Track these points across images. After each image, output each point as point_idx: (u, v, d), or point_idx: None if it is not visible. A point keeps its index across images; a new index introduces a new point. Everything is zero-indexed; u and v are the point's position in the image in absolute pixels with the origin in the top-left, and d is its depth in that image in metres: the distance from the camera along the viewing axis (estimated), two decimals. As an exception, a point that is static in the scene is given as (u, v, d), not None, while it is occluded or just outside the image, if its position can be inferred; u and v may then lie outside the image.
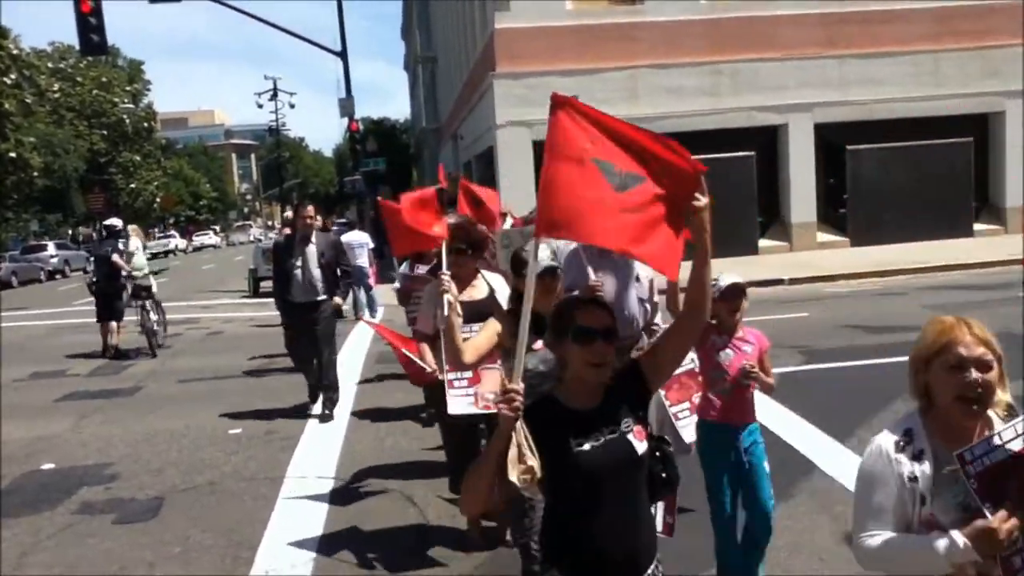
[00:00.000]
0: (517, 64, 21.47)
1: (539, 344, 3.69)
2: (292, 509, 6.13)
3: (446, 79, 41.55)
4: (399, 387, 9.31)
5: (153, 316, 13.70)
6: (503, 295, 4.83)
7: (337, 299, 8.64)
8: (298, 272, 8.33)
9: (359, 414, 8.78)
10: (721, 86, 22.00)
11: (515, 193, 16.89)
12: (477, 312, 4.60)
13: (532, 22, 21.43)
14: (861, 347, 10.11)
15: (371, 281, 15.13)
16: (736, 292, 4.16)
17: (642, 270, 5.15)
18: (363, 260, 14.72)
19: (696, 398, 4.60)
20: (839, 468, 5.92)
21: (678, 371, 4.27)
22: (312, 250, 8.40)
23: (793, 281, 16.95)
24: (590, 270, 4.94)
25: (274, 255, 8.76)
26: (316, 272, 8.37)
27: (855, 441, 6.40)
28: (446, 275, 3.97)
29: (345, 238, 13.82)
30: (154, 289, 14.13)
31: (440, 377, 4.96)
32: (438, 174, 7.22)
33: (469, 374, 4.64)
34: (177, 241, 61.87)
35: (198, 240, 68.13)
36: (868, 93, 22.16)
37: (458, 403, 4.76)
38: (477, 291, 4.93)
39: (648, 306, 5.25)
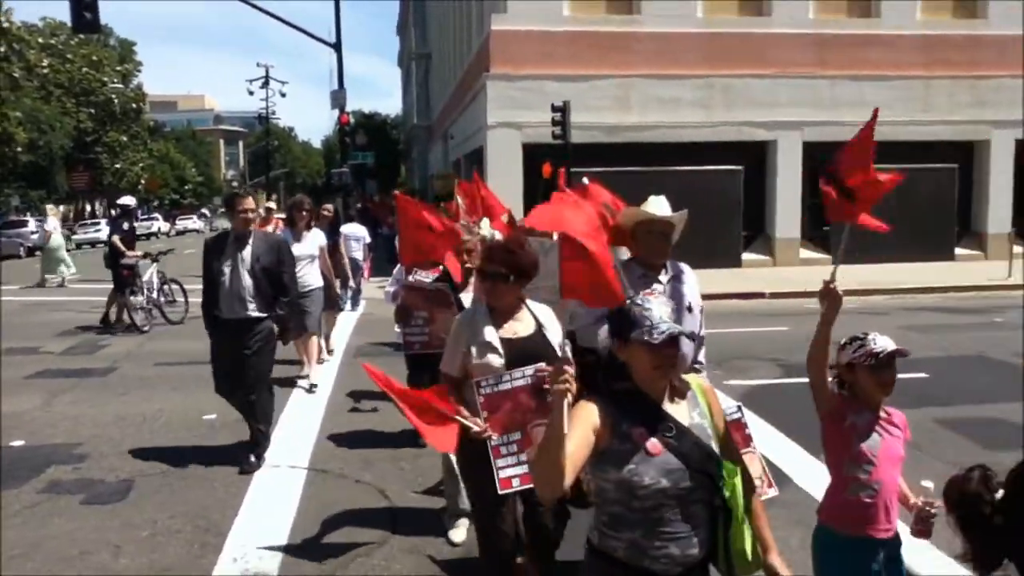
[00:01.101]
0: (511, 66, 21.49)
1: None
2: (263, 497, 6.10)
3: (439, 77, 41.53)
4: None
5: (140, 296, 13.90)
6: (554, 332, 3.84)
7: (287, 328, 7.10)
8: (225, 280, 6.64)
9: (335, 404, 8.75)
10: (713, 100, 22.12)
11: (503, 195, 16.73)
12: (522, 353, 3.71)
13: (528, 25, 21.46)
14: (838, 365, 10.17)
15: (364, 275, 15.13)
16: (891, 362, 3.16)
17: (694, 299, 4.33)
18: (358, 253, 14.72)
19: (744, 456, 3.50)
20: (813, 481, 5.94)
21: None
22: (247, 254, 6.68)
23: (774, 295, 17.04)
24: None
25: (203, 257, 6.87)
26: (246, 282, 6.64)
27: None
28: (568, 371, 2.35)
29: (344, 229, 13.85)
30: (148, 271, 14.31)
31: (486, 437, 3.63)
32: (428, 172, 6.93)
33: (518, 435, 3.59)
34: (160, 224, 61.41)
35: (181, 224, 67.64)
36: (858, 114, 22.20)
37: (511, 478, 3.63)
38: (522, 326, 3.85)
39: (696, 340, 4.26)
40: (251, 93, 57.96)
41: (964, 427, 7.49)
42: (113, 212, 61.22)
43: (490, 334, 3.72)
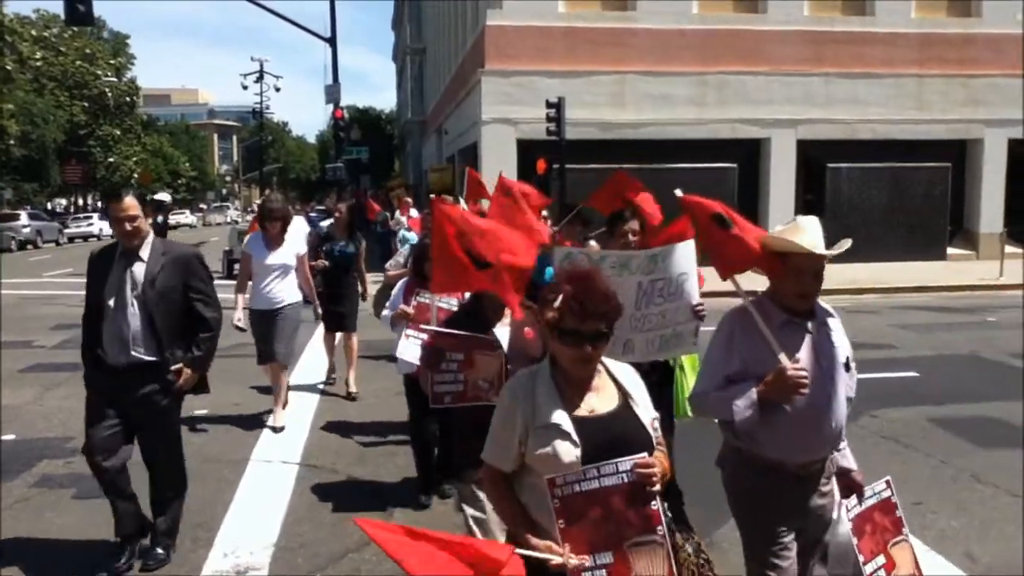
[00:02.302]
0: (506, 62, 21.47)
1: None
2: (255, 492, 6.09)
3: (434, 72, 41.46)
4: (370, 374, 9.29)
5: None
6: (644, 404, 2.72)
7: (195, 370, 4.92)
8: (109, 310, 4.71)
9: (328, 400, 8.74)
10: (707, 97, 22.14)
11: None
12: (605, 438, 2.60)
13: (524, 21, 21.45)
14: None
15: None
16: None
17: (849, 351, 3.34)
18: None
19: (894, 547, 3.27)
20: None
21: (868, 502, 3.23)
22: (138, 273, 4.74)
23: (751, 293, 17.04)
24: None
25: (86, 277, 4.93)
26: (133, 312, 4.70)
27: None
28: (663, 461, 2.26)
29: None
30: None
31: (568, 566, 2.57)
32: (423, 167, 6.92)
33: (609, 558, 2.57)
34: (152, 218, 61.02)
35: (174, 219, 67.37)
36: (851, 113, 22.39)
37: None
38: (601, 398, 2.70)
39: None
40: (245, 88, 57.99)
41: (957, 426, 7.51)
42: (104, 205, 61.04)
43: (558, 413, 2.60)
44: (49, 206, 61.53)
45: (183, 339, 4.84)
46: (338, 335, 9.33)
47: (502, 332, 4.25)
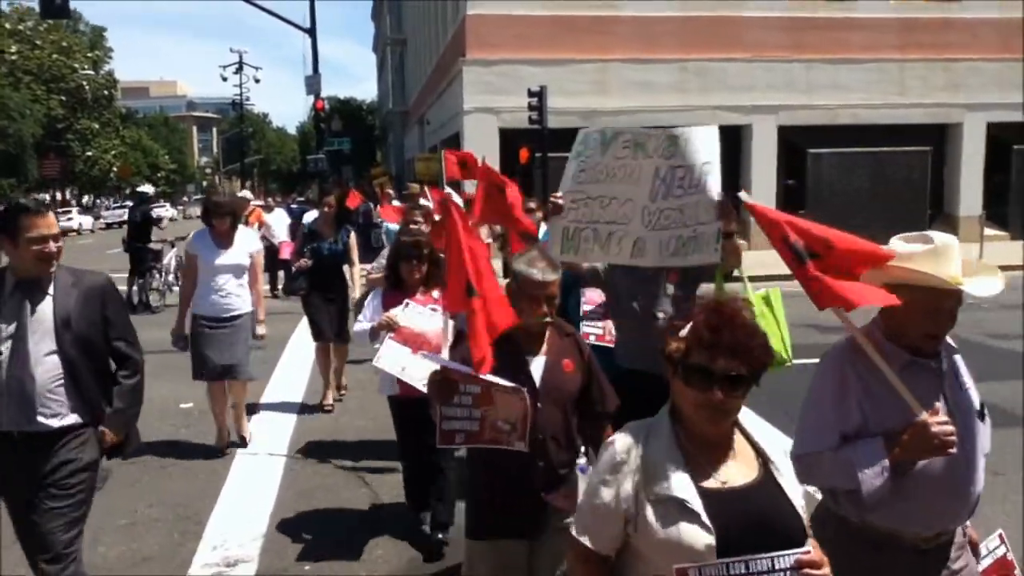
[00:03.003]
0: (487, 51, 21.41)
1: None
2: (243, 485, 6.08)
3: (415, 62, 41.30)
4: (355, 367, 9.28)
5: (158, 279, 15.17)
6: (789, 475, 2.16)
7: (109, 432, 3.77)
8: (2, 363, 3.53)
9: (314, 389, 8.72)
10: (689, 83, 22.17)
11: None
12: (744, 520, 2.04)
13: (504, 10, 21.39)
14: (814, 345, 10.26)
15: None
16: None
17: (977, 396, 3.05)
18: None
19: None
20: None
21: (985, 563, 2.91)
22: (43, 313, 3.60)
23: (751, 279, 17.10)
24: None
25: None
26: (37, 362, 3.55)
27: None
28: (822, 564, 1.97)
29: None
30: (165, 254, 15.40)
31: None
32: (405, 157, 6.77)
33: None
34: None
35: (155, 212, 66.84)
36: (832, 98, 22.48)
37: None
38: (738, 467, 2.14)
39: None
40: (224, 79, 57.28)
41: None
42: (94, 200, 60.43)
43: (682, 482, 2.02)
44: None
45: (106, 392, 3.76)
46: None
47: (536, 363, 3.28)
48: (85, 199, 69.73)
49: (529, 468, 3.11)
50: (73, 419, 3.62)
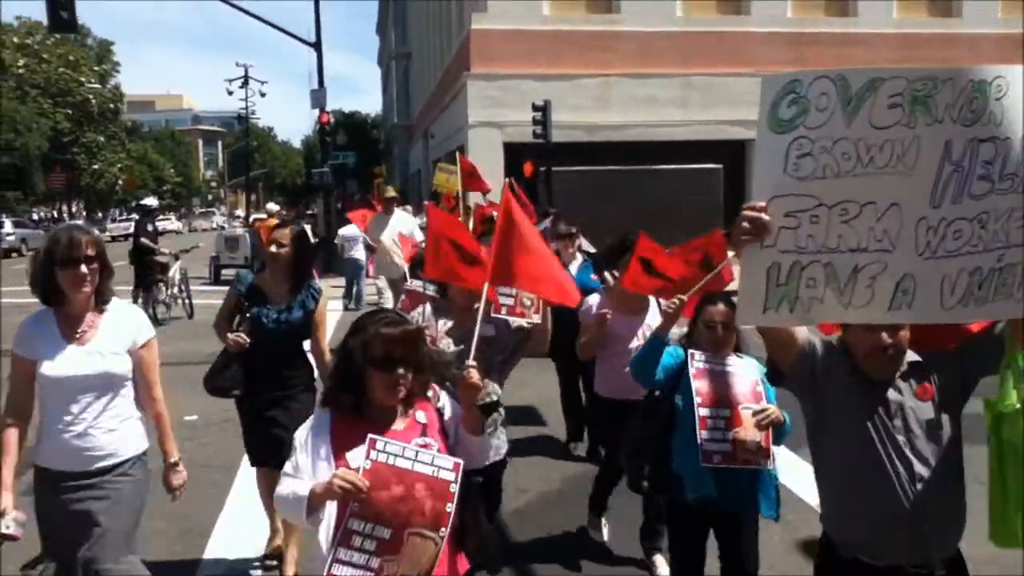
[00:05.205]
0: (492, 65, 21.53)
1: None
2: (246, 497, 6.08)
3: (419, 77, 41.48)
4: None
5: (164, 292, 15.13)
6: None
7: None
8: None
9: (321, 403, 8.73)
10: (692, 98, 22.25)
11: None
12: None
13: (509, 24, 21.50)
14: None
15: (368, 273, 15.47)
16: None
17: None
18: (359, 253, 15.12)
19: None
20: (790, 476, 6.00)
21: None
22: None
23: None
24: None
25: None
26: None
27: (805, 451, 6.48)
28: None
29: (342, 232, 14.20)
30: (171, 267, 15.36)
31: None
32: (408, 171, 6.94)
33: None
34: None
35: (160, 225, 67.02)
36: (835, 113, 22.53)
37: None
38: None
39: None
40: (230, 93, 57.68)
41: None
42: (92, 212, 60.58)
43: None
44: (35, 216, 61.07)
45: None
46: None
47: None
48: (89, 212, 70.01)
49: None
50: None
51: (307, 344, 4.88)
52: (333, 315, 14.28)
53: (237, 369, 4.76)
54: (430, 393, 2.87)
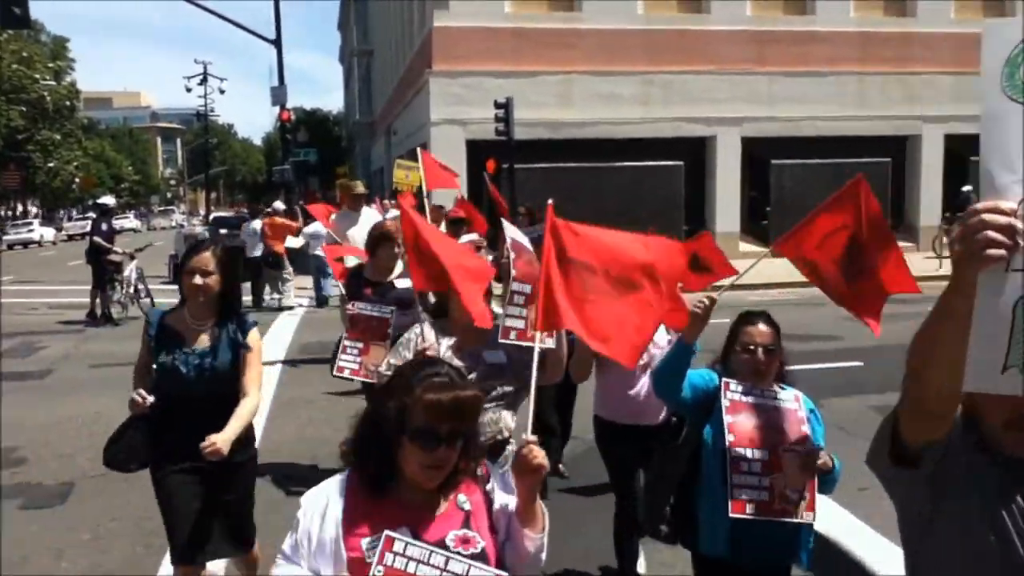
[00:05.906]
0: (454, 63, 21.49)
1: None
2: (208, 498, 6.02)
3: (381, 74, 41.29)
4: (321, 377, 9.24)
5: (120, 291, 14.94)
6: None
7: None
8: None
9: (281, 402, 8.67)
10: (653, 96, 22.39)
11: (448, 191, 16.89)
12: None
13: (470, 22, 21.48)
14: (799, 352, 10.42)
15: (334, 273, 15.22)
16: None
17: None
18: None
19: None
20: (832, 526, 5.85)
21: None
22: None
23: (715, 288, 17.27)
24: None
25: None
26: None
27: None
28: None
29: (308, 230, 14.17)
30: (125, 266, 15.05)
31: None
32: (371, 168, 6.83)
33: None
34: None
35: (118, 223, 65.99)
36: (795, 110, 22.82)
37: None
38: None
39: None
40: (189, 90, 56.90)
41: (898, 413, 7.67)
42: (49, 211, 59.50)
43: None
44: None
45: None
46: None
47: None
48: (46, 211, 68.73)
49: None
50: None
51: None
52: (292, 318, 14.27)
53: (135, 435, 3.77)
54: (479, 471, 2.19)
